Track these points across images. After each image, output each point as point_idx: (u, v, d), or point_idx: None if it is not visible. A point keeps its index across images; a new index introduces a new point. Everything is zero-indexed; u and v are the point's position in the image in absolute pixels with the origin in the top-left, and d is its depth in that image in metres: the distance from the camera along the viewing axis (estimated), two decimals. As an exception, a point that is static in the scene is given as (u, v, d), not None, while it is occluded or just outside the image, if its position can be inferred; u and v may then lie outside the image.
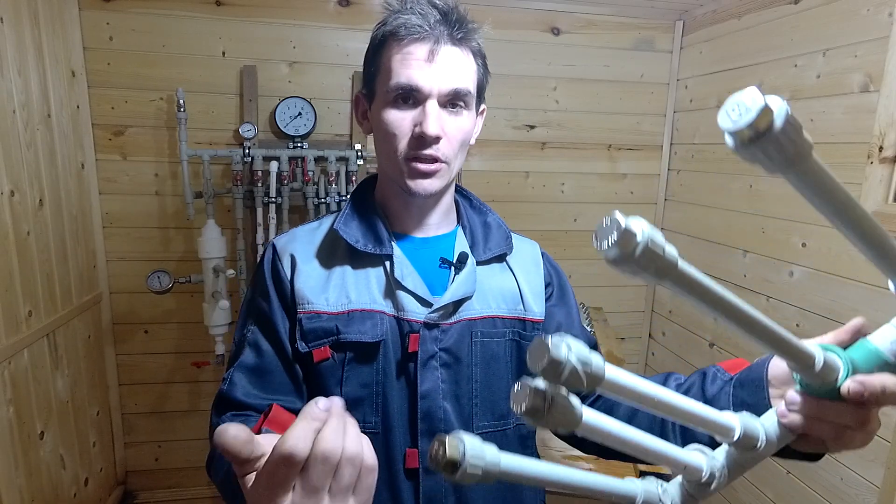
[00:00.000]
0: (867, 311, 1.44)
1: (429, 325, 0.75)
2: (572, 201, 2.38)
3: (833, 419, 0.42)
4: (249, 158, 1.88)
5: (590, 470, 0.51)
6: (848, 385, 0.40)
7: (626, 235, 0.30)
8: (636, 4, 2.14)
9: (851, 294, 1.49)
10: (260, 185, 1.90)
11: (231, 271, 1.84)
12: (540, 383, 0.33)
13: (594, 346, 0.92)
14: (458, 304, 0.77)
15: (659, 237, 0.30)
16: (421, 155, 0.72)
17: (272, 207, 1.89)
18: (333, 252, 0.79)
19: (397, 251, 0.78)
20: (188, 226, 2.07)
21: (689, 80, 2.24)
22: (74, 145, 1.87)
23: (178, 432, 2.23)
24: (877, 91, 1.41)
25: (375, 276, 0.77)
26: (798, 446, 0.46)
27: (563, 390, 0.33)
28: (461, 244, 0.82)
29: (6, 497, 1.45)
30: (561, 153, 2.33)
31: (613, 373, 0.35)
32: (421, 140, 0.71)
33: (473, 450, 0.35)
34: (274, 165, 1.88)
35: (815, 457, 0.51)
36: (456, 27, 0.72)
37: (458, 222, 0.86)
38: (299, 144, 1.99)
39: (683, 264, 0.32)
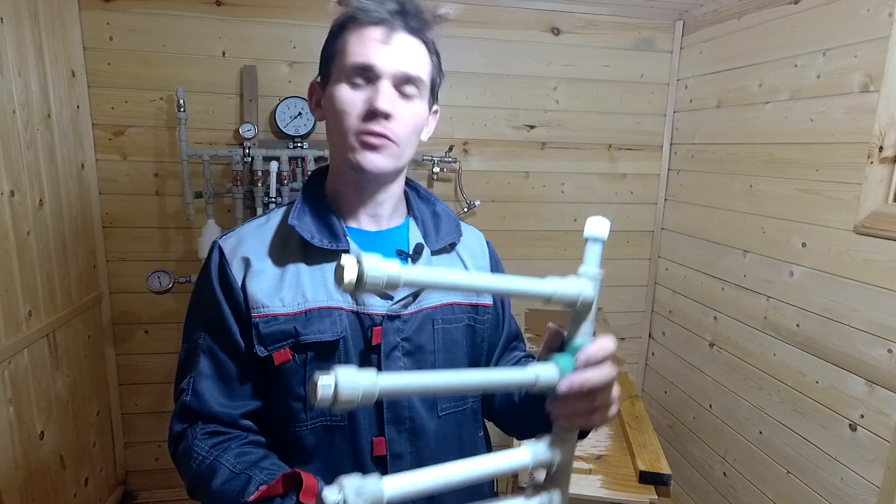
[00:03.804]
0: (867, 311, 1.44)
1: (390, 317, 0.76)
2: (572, 201, 2.38)
3: (573, 409, 0.56)
4: (249, 158, 1.88)
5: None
6: (560, 387, 0.54)
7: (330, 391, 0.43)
8: (636, 4, 2.14)
9: (851, 294, 1.49)
10: (260, 185, 1.90)
11: (231, 271, 1.84)
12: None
13: (518, 335, 0.98)
14: (417, 293, 0.79)
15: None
16: (371, 129, 0.72)
17: (272, 207, 1.89)
18: (285, 249, 0.78)
19: (353, 246, 0.78)
20: (188, 226, 2.07)
21: (689, 80, 2.24)
22: (74, 145, 1.87)
23: (178, 432, 2.22)
24: (877, 91, 1.41)
25: (331, 271, 0.76)
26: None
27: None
28: (415, 235, 0.83)
29: (6, 497, 1.45)
30: (561, 153, 2.33)
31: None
32: (372, 115, 0.72)
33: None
34: (274, 165, 1.88)
35: (584, 434, 0.68)
36: (411, 17, 0.74)
37: (409, 213, 0.87)
38: (299, 144, 1.99)
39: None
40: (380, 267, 0.46)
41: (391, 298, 0.77)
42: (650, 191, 2.42)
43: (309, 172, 1.88)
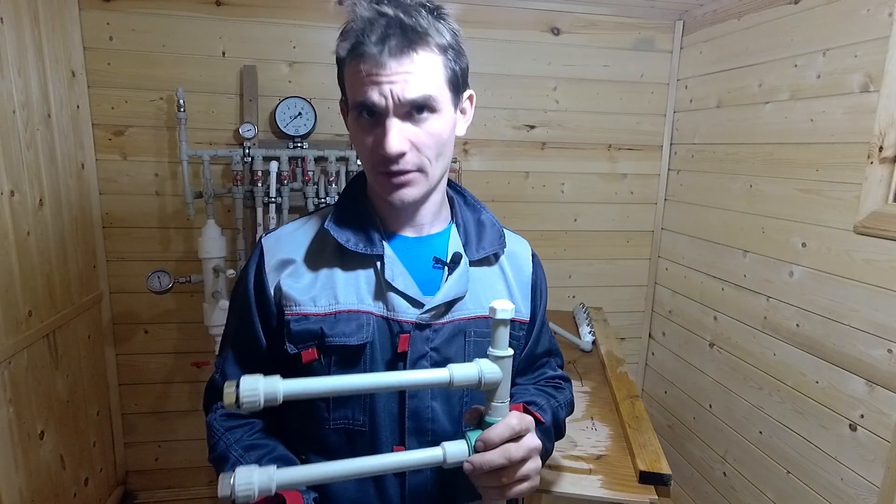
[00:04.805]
0: (867, 311, 1.44)
1: (420, 326, 0.75)
2: (572, 201, 2.38)
3: (483, 484, 0.64)
4: (249, 158, 1.88)
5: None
6: (464, 468, 0.62)
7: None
8: (636, 4, 2.14)
9: (851, 294, 1.49)
10: (260, 185, 1.90)
11: (231, 271, 1.84)
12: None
13: (555, 352, 0.95)
14: (450, 304, 0.77)
15: None
16: (388, 170, 0.71)
17: (272, 207, 1.90)
18: (322, 250, 0.78)
19: (388, 251, 0.77)
20: (188, 226, 2.07)
21: (689, 80, 2.24)
22: (74, 145, 1.87)
23: (178, 432, 2.23)
24: (877, 91, 1.41)
25: (365, 276, 0.77)
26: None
27: None
28: (455, 243, 0.82)
29: (6, 497, 1.45)
30: (561, 153, 2.33)
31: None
32: (384, 158, 0.70)
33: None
34: (274, 165, 1.88)
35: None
36: (401, 35, 0.66)
37: (452, 219, 0.85)
38: (299, 144, 1.99)
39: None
40: (253, 387, 0.53)
41: (422, 306, 0.76)
42: (650, 191, 2.42)
43: (309, 173, 1.92)
